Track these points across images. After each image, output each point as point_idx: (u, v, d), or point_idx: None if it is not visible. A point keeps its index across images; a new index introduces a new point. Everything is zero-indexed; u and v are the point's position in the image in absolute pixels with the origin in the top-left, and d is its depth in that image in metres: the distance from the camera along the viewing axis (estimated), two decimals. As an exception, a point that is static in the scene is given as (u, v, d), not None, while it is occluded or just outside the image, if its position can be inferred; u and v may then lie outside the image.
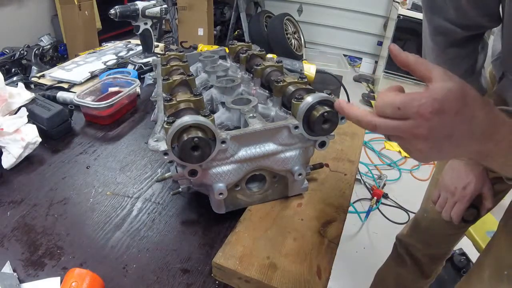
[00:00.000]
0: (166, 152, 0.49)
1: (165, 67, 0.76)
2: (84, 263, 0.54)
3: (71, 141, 0.84)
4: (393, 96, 0.36)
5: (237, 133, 0.53)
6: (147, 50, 1.22)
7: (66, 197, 0.66)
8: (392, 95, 0.36)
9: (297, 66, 1.14)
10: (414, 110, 0.35)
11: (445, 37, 0.62)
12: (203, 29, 3.26)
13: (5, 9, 2.66)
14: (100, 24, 3.13)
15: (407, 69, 0.38)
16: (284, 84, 0.62)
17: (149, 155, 0.80)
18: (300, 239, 0.56)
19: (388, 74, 3.01)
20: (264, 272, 0.50)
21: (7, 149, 0.73)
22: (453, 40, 0.62)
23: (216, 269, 0.52)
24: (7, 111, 0.80)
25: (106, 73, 1.07)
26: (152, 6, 1.16)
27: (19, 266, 0.53)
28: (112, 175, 0.73)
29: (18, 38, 2.67)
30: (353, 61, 3.86)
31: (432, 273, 1.03)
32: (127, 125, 0.92)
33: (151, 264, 0.54)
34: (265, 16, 3.47)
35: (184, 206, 0.66)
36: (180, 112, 0.55)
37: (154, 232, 0.60)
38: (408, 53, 0.38)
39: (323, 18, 3.76)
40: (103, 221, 0.61)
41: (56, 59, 2.82)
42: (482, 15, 0.55)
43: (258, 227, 0.58)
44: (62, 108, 0.84)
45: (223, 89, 0.72)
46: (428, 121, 0.34)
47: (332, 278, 0.53)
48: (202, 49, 1.26)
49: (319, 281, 0.49)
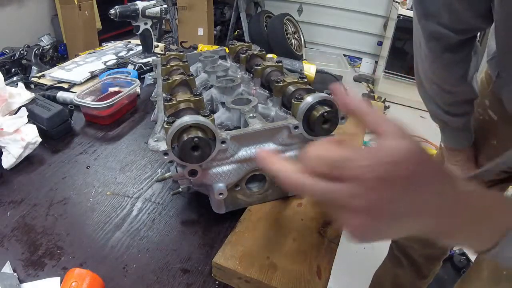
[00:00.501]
0: (166, 152, 0.49)
1: (165, 67, 0.76)
2: (84, 263, 0.54)
3: (71, 141, 0.84)
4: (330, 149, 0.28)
5: (237, 133, 0.53)
6: (147, 50, 1.22)
7: (66, 197, 0.66)
8: (326, 147, 0.29)
9: (297, 66, 1.14)
10: (353, 173, 0.27)
11: (439, 42, 0.62)
12: (203, 29, 3.26)
13: (5, 9, 2.66)
14: (100, 24, 3.14)
15: (352, 116, 0.32)
16: (284, 84, 0.62)
17: (149, 155, 0.80)
18: (300, 239, 0.56)
19: (388, 74, 3.01)
20: (264, 272, 0.50)
21: (7, 149, 0.73)
22: (447, 45, 0.62)
23: (216, 269, 0.52)
24: (7, 111, 0.80)
25: (106, 73, 1.07)
26: (152, 6, 1.16)
27: (19, 266, 0.53)
28: (112, 175, 0.73)
29: (18, 38, 2.67)
30: (353, 61, 3.86)
31: (429, 273, 1.04)
32: (127, 125, 0.92)
33: (151, 264, 0.54)
34: (265, 16, 3.47)
35: (184, 206, 0.66)
36: (180, 112, 0.55)
37: (154, 232, 0.60)
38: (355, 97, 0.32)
39: (323, 18, 3.76)
40: (103, 221, 0.61)
41: (56, 59, 2.82)
42: (476, 16, 0.55)
43: (258, 227, 0.58)
44: (62, 108, 0.84)
45: (223, 89, 0.72)
46: (369, 191, 0.27)
47: (332, 278, 0.53)
48: (202, 49, 1.26)
49: (319, 281, 0.49)
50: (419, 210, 0.29)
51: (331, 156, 0.28)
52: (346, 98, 0.32)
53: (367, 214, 0.28)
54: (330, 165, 0.28)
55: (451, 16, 0.57)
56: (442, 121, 0.74)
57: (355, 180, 0.27)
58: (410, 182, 0.27)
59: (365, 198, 0.27)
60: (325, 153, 0.29)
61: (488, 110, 0.73)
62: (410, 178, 0.27)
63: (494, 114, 0.71)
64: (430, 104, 0.75)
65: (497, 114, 0.70)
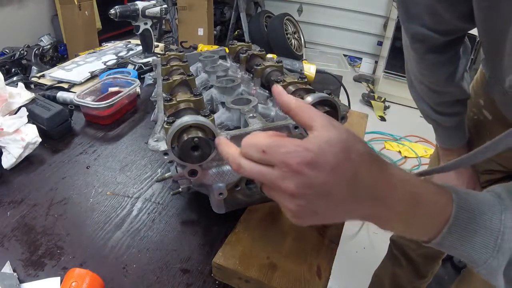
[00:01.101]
0: (166, 152, 0.49)
1: (165, 67, 0.76)
2: (84, 263, 0.54)
3: (71, 141, 0.84)
4: (261, 137, 0.31)
5: (237, 133, 0.53)
6: (147, 50, 1.22)
7: (66, 197, 0.66)
8: (261, 135, 0.31)
9: (297, 66, 1.14)
10: (279, 158, 0.29)
11: (423, 43, 0.61)
12: (203, 29, 3.26)
13: (5, 9, 2.66)
14: (100, 24, 3.14)
15: (288, 114, 0.34)
16: (284, 84, 0.62)
17: (149, 155, 0.80)
18: (300, 239, 0.56)
19: (388, 74, 3.01)
20: (264, 272, 0.50)
21: (7, 149, 0.73)
22: (432, 46, 0.61)
23: (216, 269, 0.52)
24: (7, 111, 0.80)
25: (106, 73, 1.07)
26: (152, 6, 1.16)
27: (19, 266, 0.53)
28: (112, 175, 0.73)
29: (18, 38, 2.68)
30: (353, 61, 3.86)
31: (428, 273, 1.03)
32: (127, 125, 0.92)
33: (151, 264, 0.54)
34: (265, 16, 3.47)
35: (184, 206, 0.66)
36: (180, 112, 0.55)
37: (154, 232, 0.60)
38: (291, 96, 0.34)
39: (323, 18, 3.76)
40: (103, 221, 0.61)
41: (56, 59, 2.82)
42: (458, 17, 0.54)
43: (258, 227, 0.58)
44: (62, 108, 0.84)
45: (223, 89, 0.72)
46: (296, 174, 0.29)
47: (332, 278, 0.53)
48: (202, 49, 1.26)
49: (319, 281, 0.49)
50: (351, 195, 0.30)
51: (260, 142, 0.30)
52: (284, 96, 0.34)
53: (296, 196, 0.30)
54: (258, 151, 0.30)
55: (434, 18, 0.56)
56: (434, 120, 0.74)
57: (282, 164, 0.29)
58: (337, 169, 0.29)
59: (292, 181, 0.29)
60: (256, 140, 0.31)
61: (483, 110, 0.72)
62: (336, 165, 0.29)
63: (489, 114, 0.70)
64: (420, 104, 0.75)
65: (492, 114, 0.69)
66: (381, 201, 0.31)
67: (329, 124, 0.31)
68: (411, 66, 0.69)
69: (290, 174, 0.29)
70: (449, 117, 0.71)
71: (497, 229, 0.32)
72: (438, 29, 0.57)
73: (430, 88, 0.69)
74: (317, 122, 0.31)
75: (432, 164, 0.90)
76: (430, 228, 0.34)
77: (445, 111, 0.71)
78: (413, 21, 0.59)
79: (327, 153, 0.29)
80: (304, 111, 0.32)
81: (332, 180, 0.29)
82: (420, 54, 0.63)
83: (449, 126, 0.73)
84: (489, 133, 0.71)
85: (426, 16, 0.56)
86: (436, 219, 0.33)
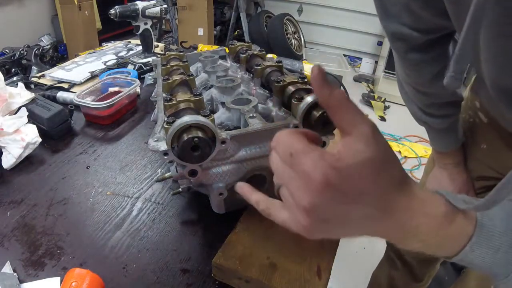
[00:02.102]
0: (166, 152, 0.49)
1: (165, 67, 0.76)
2: (84, 263, 0.54)
3: (71, 141, 0.84)
4: (295, 138, 0.28)
5: (237, 133, 0.53)
6: (147, 50, 1.22)
7: (66, 197, 0.66)
8: (296, 137, 0.28)
9: (297, 66, 1.14)
10: (302, 168, 0.26)
11: (404, 42, 0.58)
12: (203, 29, 3.26)
13: (5, 9, 2.66)
14: (100, 24, 3.13)
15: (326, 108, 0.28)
16: (284, 84, 0.62)
17: (149, 155, 0.80)
18: (300, 239, 0.55)
19: (388, 74, 3.01)
20: (264, 272, 0.50)
21: (7, 149, 0.73)
22: (413, 45, 0.58)
23: (216, 269, 0.52)
24: (7, 111, 0.80)
25: (106, 73, 1.07)
26: (152, 6, 1.16)
27: (19, 266, 0.53)
28: (112, 175, 0.73)
29: (18, 38, 2.67)
30: (353, 61, 3.86)
31: (424, 277, 1.01)
32: (127, 125, 0.92)
33: (151, 264, 0.54)
34: (265, 16, 3.47)
35: (184, 206, 0.66)
36: (180, 112, 0.55)
37: (154, 232, 0.60)
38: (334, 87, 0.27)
39: (323, 18, 3.76)
40: (103, 221, 0.61)
41: (56, 59, 2.82)
42: (435, 15, 0.51)
43: (258, 227, 0.58)
44: (62, 108, 0.84)
45: (223, 89, 0.72)
46: (314, 191, 0.26)
47: (332, 278, 0.53)
48: (202, 49, 1.26)
49: (319, 281, 0.49)
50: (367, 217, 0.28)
51: (291, 145, 0.28)
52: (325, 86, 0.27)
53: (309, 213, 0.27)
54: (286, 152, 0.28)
55: (411, 16, 0.53)
56: (425, 122, 0.71)
57: (303, 174, 0.26)
58: (363, 194, 0.26)
59: (309, 197, 0.26)
60: (290, 139, 0.28)
61: (478, 113, 0.69)
62: (364, 190, 0.26)
63: (484, 116, 0.67)
64: (410, 105, 0.72)
65: (488, 117, 0.66)
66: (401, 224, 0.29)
67: (372, 137, 0.26)
68: (396, 67, 0.68)
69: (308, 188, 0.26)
70: (440, 119, 0.68)
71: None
72: (418, 27, 0.55)
73: (416, 89, 0.66)
74: (358, 130, 0.26)
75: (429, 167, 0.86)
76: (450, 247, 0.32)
77: (434, 113, 0.68)
78: (392, 19, 0.56)
79: (356, 177, 0.26)
80: (348, 111, 0.27)
81: (352, 207, 0.27)
82: (401, 53, 0.61)
83: (441, 128, 0.70)
84: (484, 137, 0.68)
85: (404, 14, 0.54)
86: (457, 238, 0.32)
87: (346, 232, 0.30)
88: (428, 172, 0.84)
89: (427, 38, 0.57)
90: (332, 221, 0.28)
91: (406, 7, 0.53)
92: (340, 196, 0.26)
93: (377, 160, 0.26)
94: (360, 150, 0.26)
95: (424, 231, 0.30)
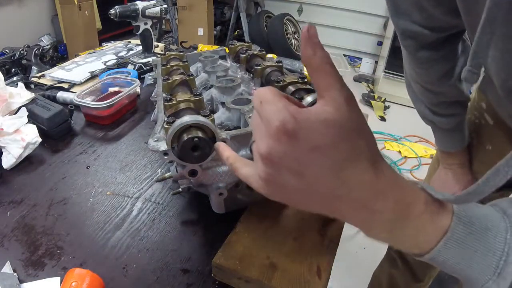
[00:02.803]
0: (166, 152, 0.49)
1: (165, 67, 0.76)
2: (84, 263, 0.54)
3: (71, 141, 0.84)
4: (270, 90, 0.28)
5: (237, 133, 0.53)
6: (147, 50, 1.22)
7: (66, 197, 0.66)
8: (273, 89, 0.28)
9: (297, 66, 1.14)
10: (265, 114, 0.26)
11: (415, 40, 0.59)
12: (203, 29, 3.26)
13: (5, 9, 2.66)
14: (100, 24, 3.14)
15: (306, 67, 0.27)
16: (284, 84, 0.62)
17: (149, 155, 0.80)
18: (300, 239, 0.56)
19: (388, 74, 3.01)
20: (264, 272, 0.50)
21: (7, 149, 0.73)
22: (423, 43, 0.58)
23: (216, 269, 0.52)
24: (7, 111, 0.80)
25: (106, 73, 1.07)
26: (152, 6, 1.16)
27: (19, 266, 0.53)
28: (112, 175, 0.73)
29: (18, 38, 2.68)
30: (353, 61, 3.86)
31: (424, 277, 1.00)
32: (127, 125, 0.92)
33: (151, 264, 0.54)
34: (265, 16, 3.47)
35: (184, 206, 0.66)
36: (180, 112, 0.55)
37: (154, 232, 0.60)
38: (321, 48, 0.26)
39: (323, 18, 3.76)
40: (103, 221, 0.61)
41: (56, 59, 2.82)
42: (446, 13, 0.51)
43: (258, 227, 0.58)
44: (62, 108, 0.84)
45: (223, 89, 0.72)
46: (272, 138, 0.26)
47: (332, 278, 0.53)
48: (202, 49, 1.26)
49: (319, 281, 0.49)
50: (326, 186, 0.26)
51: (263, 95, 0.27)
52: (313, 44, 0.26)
53: (267, 162, 0.27)
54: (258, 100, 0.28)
55: (422, 14, 0.54)
56: (431, 121, 0.72)
57: (265, 121, 0.26)
58: (318, 149, 0.25)
59: (267, 144, 0.26)
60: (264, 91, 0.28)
61: (484, 114, 0.69)
62: (318, 146, 0.25)
63: (490, 118, 0.67)
64: (417, 104, 0.72)
65: (494, 118, 0.66)
66: (363, 204, 0.27)
67: (344, 103, 0.25)
68: (405, 64, 0.68)
69: (267, 135, 0.26)
70: (446, 119, 0.69)
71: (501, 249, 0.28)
72: (429, 25, 0.55)
73: (425, 88, 0.67)
74: (330, 94, 0.26)
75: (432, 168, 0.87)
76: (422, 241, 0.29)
77: (441, 112, 0.68)
78: (403, 16, 0.57)
79: (314, 131, 0.25)
80: (326, 76, 0.26)
81: (307, 161, 0.25)
82: (412, 51, 0.61)
83: (447, 128, 0.70)
84: (490, 139, 0.68)
85: (415, 12, 0.54)
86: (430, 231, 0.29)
87: (304, 199, 0.28)
88: (431, 174, 0.84)
89: (437, 37, 0.57)
90: (287, 178, 0.27)
91: (418, 5, 0.53)
92: (294, 146, 0.25)
93: (344, 126, 0.25)
94: (327, 111, 0.25)
95: (390, 219, 0.28)
